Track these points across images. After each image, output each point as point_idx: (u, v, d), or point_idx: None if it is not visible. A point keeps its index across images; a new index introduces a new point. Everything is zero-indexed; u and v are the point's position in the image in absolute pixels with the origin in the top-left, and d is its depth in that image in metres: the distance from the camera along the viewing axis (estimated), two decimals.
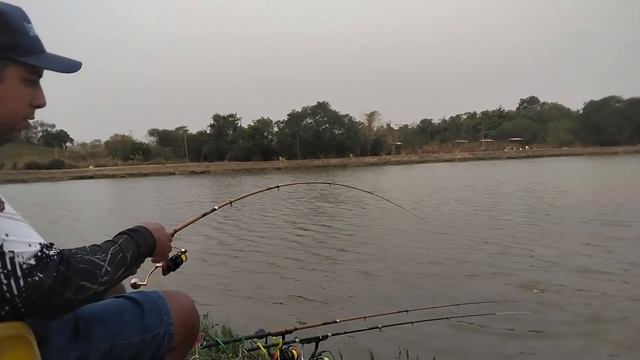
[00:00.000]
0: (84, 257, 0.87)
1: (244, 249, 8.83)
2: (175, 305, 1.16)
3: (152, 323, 1.10)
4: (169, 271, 1.34)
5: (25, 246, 0.80)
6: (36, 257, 0.80)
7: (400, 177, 31.46)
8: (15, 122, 0.94)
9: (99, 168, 55.80)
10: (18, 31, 0.91)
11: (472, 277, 6.15)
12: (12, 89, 0.91)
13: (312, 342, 1.95)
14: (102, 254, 0.91)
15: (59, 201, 22.54)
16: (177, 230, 1.38)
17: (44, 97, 0.98)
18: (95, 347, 0.99)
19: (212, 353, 2.44)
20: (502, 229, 9.47)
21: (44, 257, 0.81)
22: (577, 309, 4.81)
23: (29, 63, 0.92)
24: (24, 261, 0.78)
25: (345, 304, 5.31)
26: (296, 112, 67.22)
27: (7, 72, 0.90)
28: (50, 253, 0.82)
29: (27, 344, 0.86)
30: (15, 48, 0.90)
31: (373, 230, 10.21)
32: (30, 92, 0.94)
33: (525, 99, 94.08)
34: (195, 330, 1.23)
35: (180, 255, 1.36)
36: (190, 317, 1.19)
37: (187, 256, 1.38)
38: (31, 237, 0.82)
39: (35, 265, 0.79)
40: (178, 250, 1.34)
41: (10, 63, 0.90)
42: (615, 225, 9.22)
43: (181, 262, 1.36)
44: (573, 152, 59.68)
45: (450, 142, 74.90)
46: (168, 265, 1.33)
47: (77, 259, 0.85)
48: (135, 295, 1.15)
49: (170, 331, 1.12)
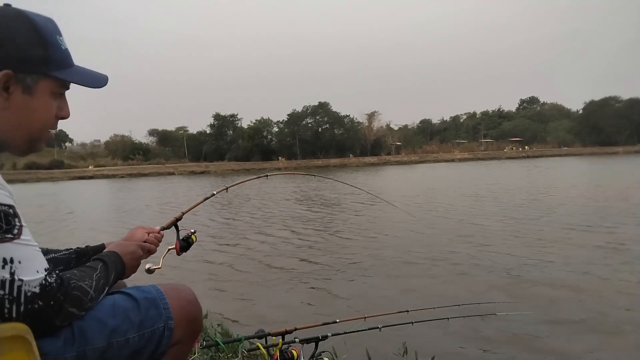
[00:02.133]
0: (76, 283, 0.93)
1: (244, 249, 8.82)
2: (175, 299, 1.14)
3: (150, 318, 1.08)
4: (182, 252, 1.44)
5: (33, 273, 0.85)
6: (40, 285, 0.85)
7: (399, 178, 31.47)
8: (42, 134, 0.97)
9: (98, 168, 55.76)
10: (51, 45, 0.93)
11: (473, 277, 6.15)
12: (42, 102, 0.94)
13: (312, 342, 1.95)
14: (89, 280, 0.97)
15: (51, 202, 22.53)
16: (185, 213, 1.51)
17: (68, 108, 1.01)
18: (92, 347, 0.98)
19: (211, 353, 2.44)
20: (502, 230, 9.47)
21: (46, 284, 0.86)
22: (579, 309, 4.81)
23: (59, 77, 0.94)
24: (29, 289, 0.83)
25: (345, 304, 5.31)
26: (296, 112, 67.18)
27: (39, 85, 0.92)
28: (51, 280, 0.87)
29: (26, 344, 0.86)
30: (48, 62, 0.92)
31: (373, 230, 10.21)
32: (57, 104, 0.97)
33: (525, 99, 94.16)
34: (198, 323, 1.20)
35: (190, 236, 1.46)
36: (191, 310, 1.16)
37: (196, 237, 1.49)
38: (40, 263, 0.87)
39: (38, 293, 0.84)
40: (188, 231, 1.47)
41: (42, 77, 0.92)
42: (616, 226, 9.22)
43: (192, 242, 1.47)
44: (573, 152, 59.69)
45: (450, 142, 74.90)
46: (181, 246, 1.43)
47: (72, 286, 0.91)
48: (131, 291, 1.12)
49: (170, 325, 1.10)
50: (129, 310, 1.06)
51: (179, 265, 7.71)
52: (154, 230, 1.36)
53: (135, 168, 53.86)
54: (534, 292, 5.42)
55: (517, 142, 68.98)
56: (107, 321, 1.01)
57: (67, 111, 1.00)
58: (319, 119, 67.02)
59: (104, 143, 75.82)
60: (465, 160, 56.09)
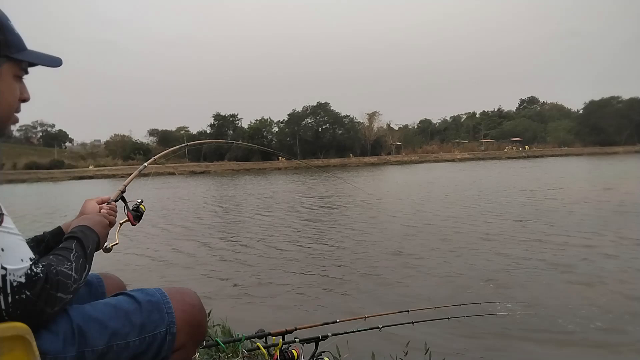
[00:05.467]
0: (56, 268, 0.90)
1: (243, 250, 8.82)
2: (179, 303, 1.11)
3: (152, 322, 1.06)
4: (136, 221, 1.44)
5: (18, 262, 0.83)
6: (26, 275, 0.83)
7: (400, 178, 31.45)
8: (10, 116, 0.98)
9: (98, 168, 55.73)
10: (7, 29, 0.93)
11: (473, 277, 6.15)
12: (6, 85, 0.95)
13: (312, 342, 1.94)
14: (68, 263, 0.95)
15: (50, 202, 22.53)
16: (126, 185, 1.49)
17: (28, 91, 1.02)
18: (92, 348, 0.96)
19: (212, 353, 2.44)
20: (502, 230, 9.47)
21: (33, 275, 0.84)
22: (579, 309, 4.81)
23: (20, 59, 0.95)
24: (15, 279, 0.82)
25: (346, 304, 5.31)
26: (296, 112, 67.17)
27: (3, 68, 0.93)
28: (37, 271, 0.85)
29: (26, 344, 0.85)
30: (9, 45, 0.93)
31: (373, 230, 10.21)
32: (19, 87, 0.99)
33: (525, 99, 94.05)
34: (202, 329, 1.17)
35: (139, 205, 1.48)
36: (195, 315, 1.13)
37: (145, 206, 1.50)
38: (24, 252, 0.86)
39: (24, 283, 0.83)
40: (135, 202, 1.47)
41: (5, 60, 0.93)
42: (616, 227, 9.22)
43: (143, 211, 1.48)
44: (573, 152, 59.63)
45: (450, 142, 74.80)
46: (134, 216, 1.43)
47: (53, 272, 0.89)
48: (135, 293, 1.10)
49: (172, 330, 1.07)
50: (130, 313, 1.04)
51: (179, 265, 7.71)
52: (104, 199, 1.34)
53: (135, 168, 53.40)
54: (534, 292, 5.41)
55: (517, 142, 68.93)
56: (108, 323, 1.00)
57: (28, 94, 1.01)
58: (319, 119, 66.98)
59: (104, 143, 75.75)
60: (466, 160, 56.05)
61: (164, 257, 8.37)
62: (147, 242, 9.66)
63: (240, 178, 38.60)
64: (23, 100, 1.01)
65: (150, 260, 8.13)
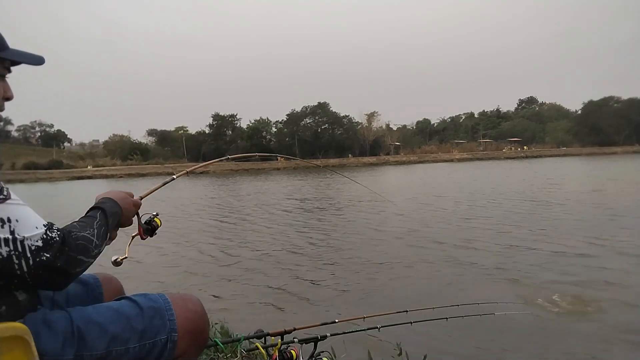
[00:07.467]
0: (78, 233, 0.95)
1: (243, 250, 8.82)
2: (181, 310, 1.10)
3: (153, 328, 1.05)
4: (147, 235, 1.37)
5: (33, 229, 0.89)
6: (42, 239, 0.89)
7: (400, 177, 31.47)
8: None
9: (97, 168, 55.60)
10: None
11: (471, 277, 6.16)
12: None
13: (310, 343, 1.94)
14: (90, 229, 1.00)
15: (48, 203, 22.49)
16: (143, 197, 1.39)
17: (11, 90, 1.03)
18: (91, 352, 0.96)
19: (210, 353, 2.44)
20: (501, 231, 9.48)
21: (49, 238, 0.90)
22: (578, 309, 4.82)
23: (4, 57, 0.96)
24: (32, 243, 0.87)
25: (344, 304, 5.31)
26: (295, 112, 67.14)
27: None
28: (53, 235, 0.91)
29: (25, 345, 0.86)
30: None
31: (372, 231, 10.21)
32: (2, 86, 0.99)
33: (524, 99, 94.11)
34: (204, 337, 1.15)
35: (153, 219, 1.39)
36: (197, 323, 1.12)
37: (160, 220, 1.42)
38: (37, 220, 0.91)
39: (42, 246, 0.88)
40: (150, 214, 1.38)
41: None
42: (616, 226, 9.23)
43: (157, 226, 1.39)
44: (571, 152, 59.65)
45: (449, 143, 74.80)
46: (144, 230, 1.36)
47: (74, 237, 0.93)
48: (138, 298, 1.10)
49: (173, 338, 1.06)
50: (132, 318, 1.04)
51: (179, 265, 7.70)
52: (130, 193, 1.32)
53: (134, 168, 53.70)
54: (532, 292, 5.43)
55: (515, 142, 68.98)
56: (108, 328, 1.00)
57: (11, 92, 1.02)
58: (318, 119, 66.94)
59: (102, 143, 75.57)
60: (464, 161, 56.08)
61: (163, 257, 8.36)
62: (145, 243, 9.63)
63: (239, 178, 38.58)
64: (7, 98, 1.01)
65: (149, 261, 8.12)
